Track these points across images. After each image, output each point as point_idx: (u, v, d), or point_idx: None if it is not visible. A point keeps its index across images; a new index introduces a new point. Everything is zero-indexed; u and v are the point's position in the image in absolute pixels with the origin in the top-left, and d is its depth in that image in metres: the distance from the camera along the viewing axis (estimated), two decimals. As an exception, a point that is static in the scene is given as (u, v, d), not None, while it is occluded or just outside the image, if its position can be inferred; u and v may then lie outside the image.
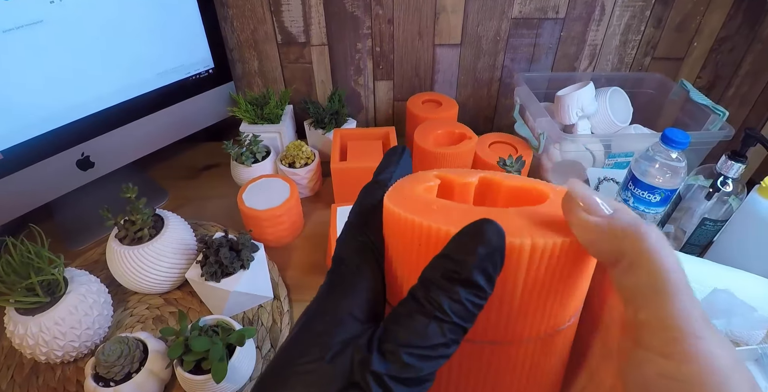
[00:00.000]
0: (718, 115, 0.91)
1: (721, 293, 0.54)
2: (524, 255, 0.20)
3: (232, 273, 0.68)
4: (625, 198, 0.79)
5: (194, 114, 0.98)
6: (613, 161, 0.95)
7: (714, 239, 0.81)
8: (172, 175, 1.06)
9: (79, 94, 0.79)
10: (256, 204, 0.80)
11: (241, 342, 0.58)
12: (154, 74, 0.88)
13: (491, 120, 1.21)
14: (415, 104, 1.04)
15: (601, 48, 1.09)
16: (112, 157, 0.89)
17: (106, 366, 0.58)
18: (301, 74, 1.10)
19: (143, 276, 0.71)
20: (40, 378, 0.67)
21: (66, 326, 0.62)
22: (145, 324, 0.73)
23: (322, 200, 0.99)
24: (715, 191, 0.76)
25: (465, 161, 0.92)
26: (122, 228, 0.71)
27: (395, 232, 0.23)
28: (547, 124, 0.90)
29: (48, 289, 0.63)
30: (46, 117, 0.77)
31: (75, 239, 0.89)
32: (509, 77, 1.13)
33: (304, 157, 0.94)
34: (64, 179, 0.83)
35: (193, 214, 0.92)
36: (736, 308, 0.53)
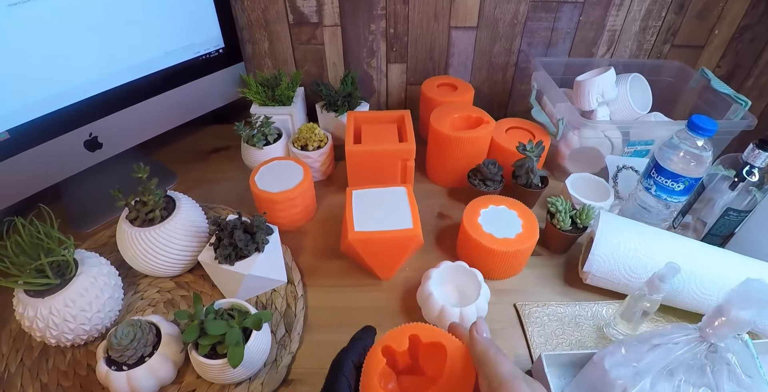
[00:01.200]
0: (740, 104, 0.89)
1: (754, 283, 0.52)
2: None
3: (247, 256, 0.66)
4: (647, 186, 0.77)
5: (204, 95, 0.96)
6: (632, 149, 0.93)
7: (736, 230, 0.80)
8: (180, 158, 1.04)
9: (86, 73, 0.77)
10: (269, 187, 0.79)
11: (258, 326, 0.57)
12: (162, 53, 0.85)
13: (505, 106, 1.18)
14: (429, 88, 1.02)
15: (620, 34, 1.06)
16: (121, 138, 0.86)
17: (118, 350, 0.56)
18: (312, 56, 1.08)
19: (154, 259, 0.69)
20: (50, 361, 0.65)
21: (76, 308, 0.61)
22: (156, 307, 0.72)
23: (334, 184, 0.97)
24: (740, 181, 0.74)
25: (482, 146, 0.90)
26: (133, 210, 0.69)
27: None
28: (567, 110, 0.87)
29: (58, 271, 0.61)
30: (52, 96, 0.74)
31: (83, 222, 0.87)
32: (525, 62, 1.10)
33: (317, 140, 0.92)
34: (71, 160, 0.81)
35: (203, 197, 0.90)
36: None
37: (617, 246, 0.70)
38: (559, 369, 0.64)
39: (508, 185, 0.89)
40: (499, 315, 0.72)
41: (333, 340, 0.66)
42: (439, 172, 0.95)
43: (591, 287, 0.76)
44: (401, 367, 0.55)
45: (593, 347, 0.68)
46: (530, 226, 0.75)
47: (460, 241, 0.79)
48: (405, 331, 0.50)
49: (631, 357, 0.56)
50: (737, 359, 0.54)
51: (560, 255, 0.82)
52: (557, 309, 0.72)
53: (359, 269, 0.78)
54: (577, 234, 0.78)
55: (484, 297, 0.67)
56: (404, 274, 0.78)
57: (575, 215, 0.78)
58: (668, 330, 0.56)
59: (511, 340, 0.69)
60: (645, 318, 0.65)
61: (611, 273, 0.71)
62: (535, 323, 0.70)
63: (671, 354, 0.54)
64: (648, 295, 0.62)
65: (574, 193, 0.85)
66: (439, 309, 0.65)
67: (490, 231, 0.73)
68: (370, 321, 0.70)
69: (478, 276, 0.70)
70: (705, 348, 0.54)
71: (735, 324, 0.52)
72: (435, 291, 0.67)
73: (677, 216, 0.84)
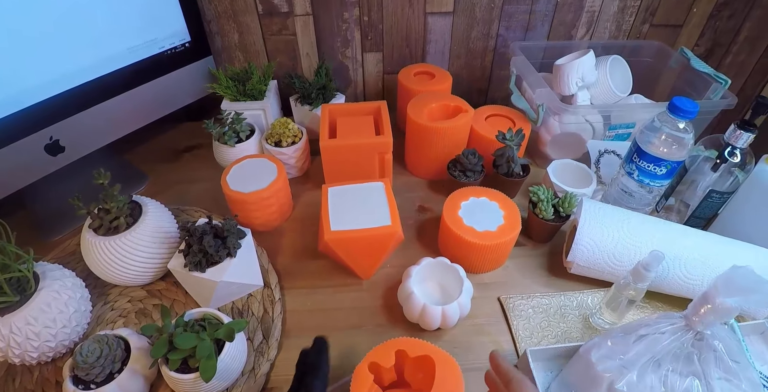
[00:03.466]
0: (720, 83, 0.87)
1: (741, 269, 0.51)
2: None
3: (219, 262, 0.63)
4: (629, 171, 0.76)
5: (171, 92, 0.92)
6: (613, 133, 0.91)
7: (719, 212, 0.79)
8: (151, 158, 1.00)
9: (42, 73, 0.73)
10: (241, 187, 0.75)
11: (231, 337, 0.54)
12: (125, 49, 0.81)
13: (485, 92, 1.16)
14: (406, 76, 0.99)
15: (599, 14, 1.04)
16: (84, 141, 0.82)
17: (84, 368, 0.54)
18: (284, 47, 1.04)
19: (122, 269, 0.66)
20: (17, 380, 0.62)
21: (39, 325, 0.58)
22: (128, 318, 0.69)
23: (311, 180, 0.94)
24: (722, 162, 0.73)
25: (461, 135, 0.87)
26: (96, 218, 0.66)
27: None
28: (547, 95, 0.85)
29: (18, 287, 0.58)
30: (7, 98, 0.70)
31: (49, 229, 0.84)
32: (504, 47, 1.07)
33: (291, 135, 0.89)
34: (32, 166, 0.77)
35: (175, 199, 0.87)
36: (756, 285, 0.50)
37: (601, 234, 0.69)
38: (546, 363, 0.62)
39: (488, 175, 0.87)
40: (483, 310, 0.70)
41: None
42: (419, 164, 0.93)
43: (576, 276, 0.74)
44: (387, 383, 0.54)
45: (579, 338, 0.67)
46: (512, 217, 0.73)
47: (441, 236, 0.76)
48: (390, 347, 0.52)
49: (618, 349, 0.55)
50: (723, 345, 0.53)
51: (543, 244, 0.80)
52: (542, 300, 0.71)
53: (339, 268, 0.76)
54: (560, 223, 0.76)
55: (466, 294, 0.65)
56: (385, 271, 0.76)
57: (558, 203, 0.76)
58: (654, 320, 0.55)
59: (497, 335, 0.67)
60: (631, 306, 0.64)
61: (595, 262, 0.69)
62: (520, 316, 0.69)
63: (658, 345, 0.53)
64: (633, 284, 0.61)
65: (556, 180, 0.83)
66: (420, 308, 0.63)
67: (471, 225, 0.71)
68: (351, 322, 0.69)
69: (459, 271, 0.68)
70: (691, 336, 0.53)
71: (721, 312, 0.50)
72: (416, 290, 0.65)
73: (660, 200, 0.82)
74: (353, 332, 0.67)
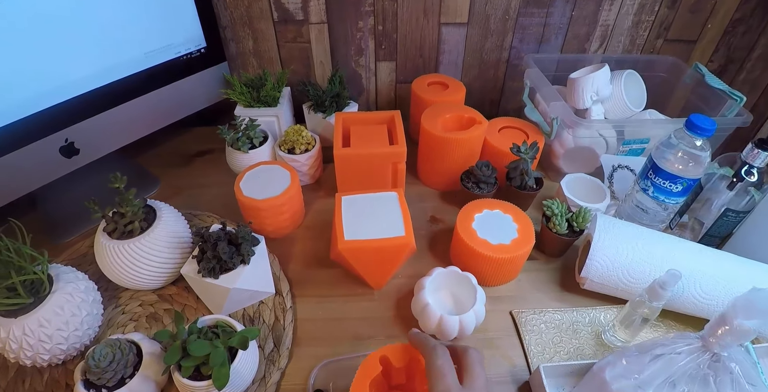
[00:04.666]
0: (735, 100, 0.87)
1: (761, 292, 0.50)
2: None
3: (232, 269, 0.63)
4: (644, 187, 0.75)
5: (186, 96, 0.92)
6: (627, 148, 0.91)
7: (734, 231, 0.78)
8: (163, 163, 1.00)
9: (60, 76, 0.73)
10: (254, 194, 0.75)
11: (245, 346, 0.54)
12: (141, 53, 0.81)
13: (497, 103, 1.16)
14: (420, 86, 0.99)
15: (613, 28, 1.04)
16: (99, 143, 0.82)
17: (96, 373, 0.53)
18: (298, 54, 1.04)
19: (135, 273, 0.66)
20: (27, 381, 0.62)
21: (52, 328, 0.57)
22: (139, 322, 0.69)
23: (323, 188, 0.94)
24: (739, 181, 0.73)
25: (475, 147, 0.87)
26: (111, 222, 0.66)
27: None
28: (562, 109, 0.85)
29: (31, 289, 0.58)
30: (25, 100, 0.70)
31: (62, 231, 0.84)
32: (517, 59, 1.07)
33: (304, 143, 0.89)
34: (47, 167, 0.77)
35: (187, 204, 0.86)
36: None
37: (615, 250, 0.68)
38: (558, 380, 0.62)
39: (502, 187, 0.87)
40: (494, 324, 0.70)
41: (323, 354, 0.64)
42: (431, 175, 0.93)
43: (588, 292, 0.74)
44: (394, 383, 0.54)
45: (591, 355, 0.66)
46: (526, 231, 0.72)
47: (454, 248, 0.76)
48: (406, 349, 0.51)
49: (633, 368, 0.54)
50: (740, 368, 0.52)
51: (556, 258, 0.80)
52: (554, 315, 0.70)
53: (350, 277, 0.75)
54: (573, 238, 0.76)
55: (480, 302, 0.65)
56: (397, 282, 0.75)
57: (571, 218, 0.76)
58: (670, 340, 0.54)
59: (508, 350, 0.66)
60: (645, 324, 0.64)
61: (609, 278, 0.69)
62: (532, 331, 0.68)
63: (673, 365, 0.53)
64: (648, 302, 0.61)
65: (570, 194, 0.83)
66: (437, 319, 0.63)
67: (485, 237, 0.71)
68: (363, 332, 0.68)
69: (472, 280, 0.67)
70: (708, 357, 0.52)
71: (739, 334, 0.50)
72: (431, 301, 0.64)
73: (674, 217, 0.82)
74: (365, 343, 0.66)
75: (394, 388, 0.56)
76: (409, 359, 0.51)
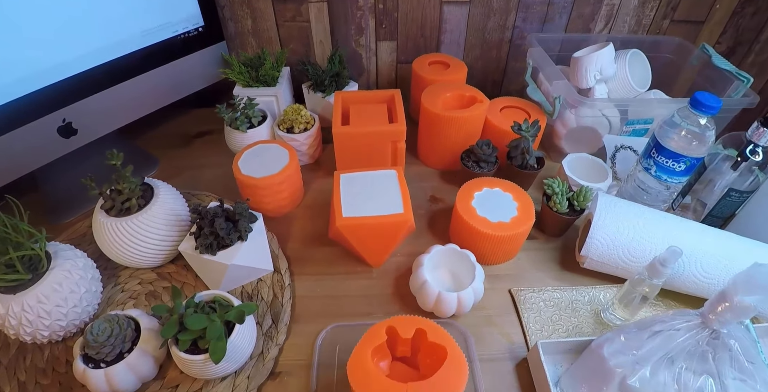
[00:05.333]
0: (742, 81, 0.86)
1: (762, 267, 0.50)
2: None
3: (229, 246, 0.63)
4: (647, 166, 0.74)
5: (184, 76, 0.91)
6: (630, 128, 0.89)
7: (737, 212, 0.77)
8: (162, 144, 1.00)
9: (56, 54, 0.72)
10: (253, 172, 0.75)
11: (241, 320, 0.54)
12: (138, 32, 0.81)
13: (499, 84, 1.14)
14: (421, 66, 0.98)
15: (618, 8, 1.02)
16: (97, 124, 0.82)
17: (95, 347, 0.54)
18: (298, 34, 1.03)
19: (133, 250, 0.66)
20: (28, 358, 0.62)
21: (51, 304, 0.58)
22: (138, 300, 0.69)
23: (322, 168, 0.93)
24: (743, 160, 0.71)
25: (475, 126, 0.86)
26: (108, 199, 0.65)
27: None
28: (565, 87, 0.84)
29: (30, 265, 0.58)
30: (21, 79, 0.70)
31: (61, 212, 0.84)
32: (520, 38, 1.06)
33: (303, 122, 0.88)
34: (45, 148, 0.77)
35: (186, 184, 0.86)
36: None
37: (616, 229, 0.68)
38: (556, 357, 0.62)
39: (502, 167, 0.86)
40: (493, 302, 0.69)
41: (320, 332, 0.65)
42: (431, 154, 0.92)
43: (588, 271, 0.73)
44: (399, 355, 0.54)
45: (590, 333, 0.66)
46: (526, 209, 0.72)
47: (453, 226, 0.76)
48: (414, 322, 0.52)
49: (631, 344, 0.54)
50: (739, 345, 0.52)
51: (556, 238, 0.79)
52: (553, 294, 0.70)
53: (349, 256, 0.75)
54: (574, 217, 0.75)
55: (479, 279, 0.65)
56: (395, 260, 0.75)
57: (572, 197, 0.75)
58: (669, 317, 0.54)
59: (506, 327, 0.66)
60: (644, 303, 0.63)
61: (609, 257, 0.68)
62: (531, 309, 0.68)
63: (672, 342, 0.52)
64: (648, 280, 0.60)
65: (571, 174, 0.82)
66: (435, 296, 0.63)
67: (484, 215, 0.70)
68: (361, 309, 0.68)
69: (470, 257, 0.67)
70: (707, 334, 0.52)
71: (739, 310, 0.49)
72: (429, 278, 0.64)
73: (677, 198, 0.81)
74: (363, 320, 0.66)
75: (398, 360, 0.56)
76: (416, 332, 0.51)
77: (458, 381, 0.47)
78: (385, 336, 0.50)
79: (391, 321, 0.51)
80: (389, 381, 0.46)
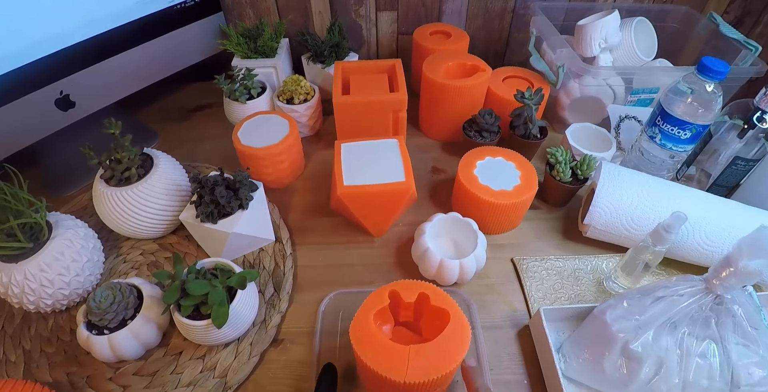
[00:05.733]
0: (750, 50, 0.84)
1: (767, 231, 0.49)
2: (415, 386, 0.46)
3: (230, 214, 0.63)
4: (651, 135, 0.73)
5: (181, 48, 0.90)
6: (635, 98, 0.88)
7: (742, 181, 0.76)
8: (161, 118, 0.99)
9: (51, 25, 0.71)
10: (253, 142, 0.74)
11: (243, 285, 0.54)
12: (134, 2, 0.79)
13: (502, 55, 1.12)
14: (422, 35, 0.96)
15: (624, -25, 0.99)
16: (94, 96, 0.81)
17: (98, 314, 0.54)
18: (296, 4, 1.01)
19: (133, 220, 0.66)
20: (32, 328, 0.63)
21: (53, 273, 0.58)
22: (140, 270, 0.69)
23: (323, 140, 0.92)
24: (750, 128, 0.70)
25: (478, 95, 0.85)
26: (108, 168, 0.65)
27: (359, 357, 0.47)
28: (569, 56, 0.82)
29: (30, 234, 0.58)
30: (15, 51, 0.69)
31: (61, 185, 0.83)
32: (523, 8, 1.03)
33: (303, 93, 0.87)
34: (44, 120, 0.76)
35: (185, 157, 0.85)
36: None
37: (619, 197, 0.67)
38: (558, 324, 0.62)
39: (505, 137, 0.85)
40: (495, 271, 0.69)
41: (323, 299, 0.65)
42: (433, 125, 0.91)
43: (590, 241, 0.73)
44: (402, 320, 0.54)
45: (593, 301, 0.66)
46: (528, 178, 0.71)
47: (455, 194, 0.75)
48: (417, 286, 0.52)
49: (634, 310, 0.54)
50: (743, 310, 0.52)
51: (559, 208, 0.79)
52: (556, 263, 0.70)
53: (350, 226, 0.75)
54: (577, 186, 0.74)
55: (481, 247, 0.65)
56: (397, 229, 0.75)
57: (576, 166, 0.75)
58: (672, 283, 0.54)
59: (509, 295, 0.66)
60: (646, 271, 0.63)
61: (612, 225, 0.68)
62: (533, 277, 0.68)
63: (675, 307, 0.52)
64: (652, 247, 0.60)
65: (575, 143, 0.81)
66: (437, 263, 0.62)
67: (487, 184, 0.69)
68: (363, 278, 0.68)
69: (472, 225, 0.67)
70: (710, 299, 0.52)
71: (743, 275, 0.49)
72: (431, 246, 0.64)
73: (681, 167, 0.80)
74: (364, 288, 0.67)
75: (401, 324, 0.56)
76: (419, 296, 0.51)
77: (461, 343, 0.47)
78: (387, 300, 0.50)
79: (394, 285, 0.51)
80: (392, 343, 0.46)
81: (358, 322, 0.48)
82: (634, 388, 0.53)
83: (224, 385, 0.56)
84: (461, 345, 0.47)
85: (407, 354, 0.46)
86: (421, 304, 0.52)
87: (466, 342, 0.47)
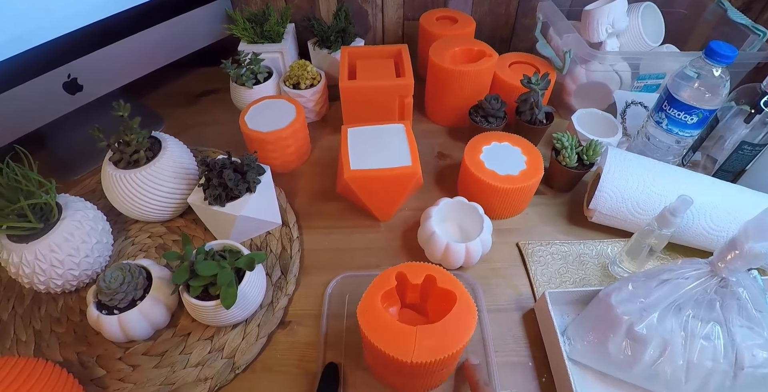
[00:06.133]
0: (758, 35, 0.83)
1: (774, 212, 0.49)
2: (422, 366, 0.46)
3: (238, 197, 0.63)
4: (658, 120, 0.73)
5: (188, 33, 0.89)
6: (642, 84, 0.88)
7: (748, 166, 0.76)
8: (168, 103, 0.99)
9: (57, 8, 0.71)
10: (260, 127, 0.74)
11: (251, 267, 0.55)
12: (139, -15, 0.79)
13: (508, 42, 1.12)
14: (428, 21, 0.95)
15: (633, -40, 0.98)
16: (102, 80, 0.81)
17: (108, 294, 0.55)
18: (302, -11, 1.00)
19: (142, 202, 0.66)
20: (43, 308, 0.64)
21: (63, 253, 0.58)
22: (148, 252, 0.70)
23: (329, 125, 0.92)
24: (757, 113, 0.70)
25: (484, 80, 0.85)
26: (117, 151, 0.65)
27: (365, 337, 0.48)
28: (575, 41, 0.82)
29: (41, 215, 0.59)
30: (22, 34, 0.69)
31: (70, 169, 0.84)
32: (530, -7, 1.02)
33: (310, 78, 0.87)
34: (52, 104, 0.76)
35: (192, 141, 0.85)
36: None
37: (625, 181, 0.67)
38: (563, 307, 0.62)
39: (511, 122, 0.85)
40: (501, 255, 0.70)
41: (330, 282, 0.65)
42: (439, 110, 0.91)
43: (596, 226, 0.73)
44: (408, 302, 0.55)
45: (597, 285, 0.66)
46: (534, 163, 0.71)
47: (461, 179, 0.75)
48: (423, 268, 0.52)
49: (639, 293, 0.54)
50: (747, 293, 0.52)
51: (565, 193, 0.79)
52: (561, 247, 0.70)
53: (357, 210, 0.75)
54: (583, 171, 0.74)
55: (487, 231, 0.65)
56: (403, 214, 0.75)
57: (582, 151, 0.75)
58: (678, 266, 0.54)
59: (514, 279, 0.67)
60: (651, 256, 0.63)
61: (618, 209, 0.68)
62: (539, 262, 0.69)
63: (680, 290, 0.53)
64: (657, 230, 0.60)
65: (581, 128, 0.81)
66: (443, 247, 0.63)
67: (493, 168, 0.70)
68: (369, 261, 0.69)
69: (478, 209, 0.67)
70: (716, 282, 0.52)
71: (749, 258, 0.49)
72: (437, 230, 0.64)
73: (687, 153, 0.80)
74: (371, 271, 0.67)
75: (408, 307, 0.57)
76: (425, 278, 0.51)
77: (467, 324, 0.47)
78: (394, 282, 0.51)
79: (401, 267, 0.52)
80: (398, 324, 0.47)
81: (366, 303, 0.48)
82: (638, 370, 0.53)
83: (232, 365, 0.57)
84: (468, 326, 0.47)
85: (414, 334, 0.46)
86: (427, 286, 0.53)
87: (472, 323, 0.48)
